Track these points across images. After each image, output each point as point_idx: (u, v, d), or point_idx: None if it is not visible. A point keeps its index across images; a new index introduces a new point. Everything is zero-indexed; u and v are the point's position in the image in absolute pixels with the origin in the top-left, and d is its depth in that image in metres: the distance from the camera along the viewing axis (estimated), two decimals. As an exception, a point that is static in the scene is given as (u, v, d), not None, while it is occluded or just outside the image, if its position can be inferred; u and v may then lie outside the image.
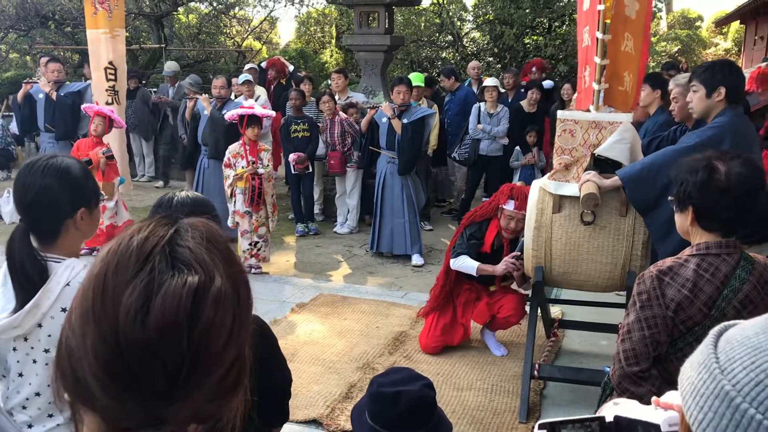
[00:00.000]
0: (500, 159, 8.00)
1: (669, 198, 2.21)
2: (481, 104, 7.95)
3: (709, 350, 0.64)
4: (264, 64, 10.01)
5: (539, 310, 4.26)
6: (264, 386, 1.86)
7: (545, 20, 14.25)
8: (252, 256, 6.30)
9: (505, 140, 7.94)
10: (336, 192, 8.03)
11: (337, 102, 7.75)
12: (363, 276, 6.47)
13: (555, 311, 5.22)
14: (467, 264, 4.43)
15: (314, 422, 3.79)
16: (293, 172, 7.53)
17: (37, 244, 1.82)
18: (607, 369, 2.31)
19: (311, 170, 7.64)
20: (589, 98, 3.86)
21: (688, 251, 2.12)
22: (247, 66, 9.79)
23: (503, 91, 8.32)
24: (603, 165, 3.72)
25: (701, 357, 0.65)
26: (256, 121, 6.18)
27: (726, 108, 3.31)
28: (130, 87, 9.60)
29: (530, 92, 8.09)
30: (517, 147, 7.85)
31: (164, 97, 10.07)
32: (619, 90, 3.84)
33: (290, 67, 10.10)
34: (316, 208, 8.23)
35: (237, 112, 6.23)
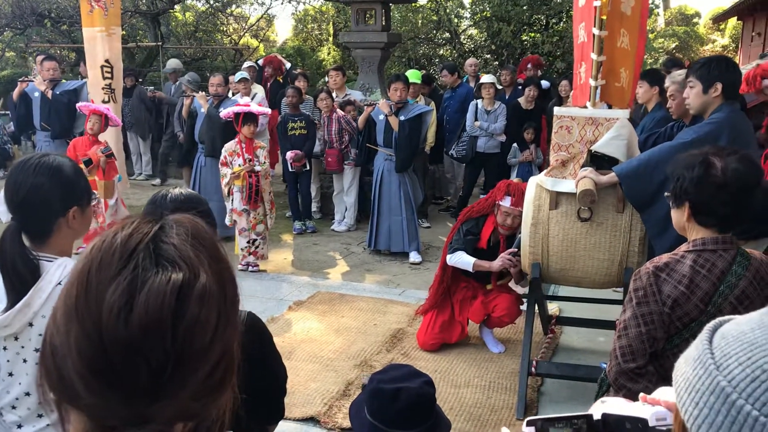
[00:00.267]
0: (498, 156, 8.00)
1: (665, 194, 2.21)
2: (479, 101, 7.95)
3: (704, 346, 0.63)
4: (261, 62, 10.00)
5: (536, 307, 4.26)
6: (259, 383, 1.85)
7: (542, 17, 14.25)
8: (250, 254, 6.30)
9: (503, 137, 7.94)
10: (333, 190, 8.02)
11: (335, 99, 7.74)
12: (360, 273, 6.47)
13: (552, 308, 5.21)
14: (464, 260, 4.43)
15: (312, 420, 3.79)
16: (290, 170, 7.52)
17: (30, 243, 1.81)
18: (604, 365, 2.31)
19: (308, 168, 7.63)
20: (585, 94, 3.86)
21: (685, 247, 2.12)
22: (246, 64, 9.77)
23: (500, 88, 8.31)
24: (600, 161, 3.72)
25: (696, 353, 0.64)
26: (252, 119, 6.16)
27: (723, 104, 3.30)
28: (127, 85, 9.57)
29: (527, 89, 8.08)
30: (515, 144, 7.85)
31: (159, 93, 10.03)
32: (616, 86, 3.84)
33: (287, 65, 10.09)
34: (314, 206, 8.22)
35: (232, 110, 6.22)
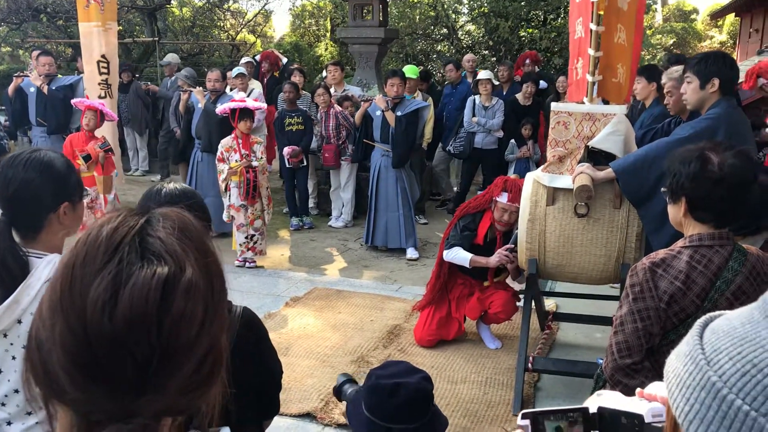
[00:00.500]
0: (495, 152, 7.99)
1: (662, 189, 2.20)
2: (476, 97, 7.94)
3: (695, 341, 0.63)
4: (258, 57, 9.97)
5: (533, 303, 4.26)
6: (254, 379, 1.85)
7: (540, 13, 14.24)
8: (248, 250, 6.29)
9: (500, 133, 7.93)
10: (330, 186, 8.01)
11: (333, 95, 7.72)
12: (358, 270, 6.46)
13: (549, 304, 5.22)
14: (460, 255, 4.42)
15: (308, 416, 3.78)
16: (288, 166, 7.51)
17: (20, 239, 1.80)
18: (601, 361, 2.30)
19: (306, 164, 7.62)
20: (581, 90, 3.85)
21: (681, 243, 2.11)
22: (244, 59, 9.75)
23: (497, 84, 8.30)
24: (597, 157, 3.72)
25: (687, 348, 0.64)
26: (248, 115, 6.15)
27: (720, 99, 3.30)
28: (124, 81, 9.54)
29: (525, 85, 8.08)
30: (512, 140, 7.84)
31: (152, 86, 9.99)
32: (613, 82, 3.83)
33: (284, 60, 10.06)
34: (311, 202, 8.21)
35: (228, 106, 6.21)
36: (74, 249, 0.74)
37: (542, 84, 8.54)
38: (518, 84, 8.46)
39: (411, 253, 6.74)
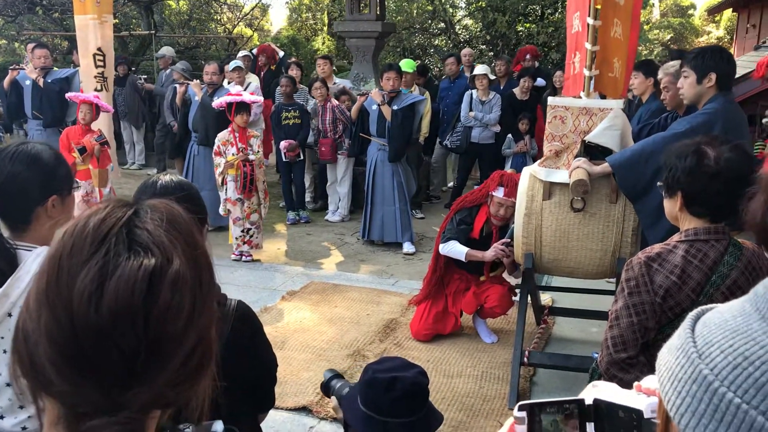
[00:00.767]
0: (492, 147, 7.98)
1: (658, 183, 2.20)
2: (473, 92, 7.92)
3: (687, 334, 0.63)
4: (255, 51, 9.94)
5: (529, 297, 4.27)
6: (249, 372, 1.85)
7: (538, 7, 14.22)
8: (245, 243, 6.28)
9: (497, 128, 7.92)
10: (327, 180, 7.99)
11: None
12: (354, 264, 6.46)
13: (545, 298, 5.22)
14: (456, 249, 4.42)
15: (304, 409, 3.79)
16: (284, 160, 7.49)
17: (9, 233, 1.79)
18: (596, 355, 2.31)
19: (302, 158, 7.60)
20: (578, 84, 3.85)
21: (677, 237, 2.11)
22: (241, 53, 9.72)
23: (493, 78, 8.28)
24: (593, 151, 3.71)
25: (679, 341, 0.63)
26: (245, 108, 6.14)
27: (717, 94, 3.30)
28: (120, 74, 9.50)
29: (522, 80, 8.07)
30: (509, 135, 7.83)
31: (149, 84, 9.95)
32: (609, 76, 3.83)
33: (280, 54, 10.03)
34: (307, 196, 8.20)
35: (225, 100, 6.19)
36: (61, 240, 0.73)
37: (540, 81, 8.53)
38: (516, 79, 8.45)
39: (407, 248, 6.73)
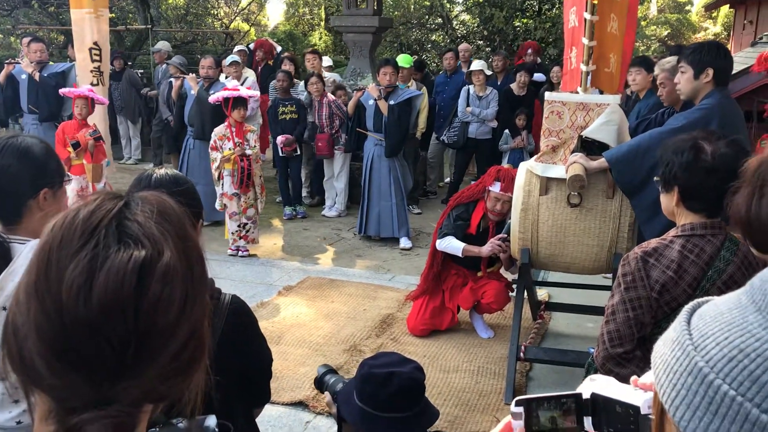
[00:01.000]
0: (489, 142, 7.98)
1: (655, 178, 2.20)
2: (470, 87, 7.91)
3: (682, 327, 0.62)
4: (252, 46, 9.91)
5: (526, 293, 4.27)
6: (244, 367, 1.84)
7: (535, 3, 14.21)
8: (241, 238, 6.28)
9: (494, 123, 7.91)
10: (324, 175, 7.97)
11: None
12: (351, 259, 6.46)
13: (542, 294, 5.23)
14: (453, 245, 4.42)
15: (300, 404, 3.79)
16: (281, 155, 7.48)
17: (2, 227, 1.79)
18: (592, 350, 2.31)
19: (299, 153, 7.59)
20: (575, 80, 3.84)
21: (673, 232, 2.11)
22: (237, 48, 9.68)
23: (490, 74, 8.28)
24: (590, 147, 3.71)
25: (674, 334, 0.63)
26: (241, 103, 6.12)
27: (714, 90, 3.30)
28: (116, 68, 9.46)
29: (519, 75, 8.06)
30: (506, 130, 7.83)
31: (153, 92, 9.89)
32: (605, 72, 3.82)
33: (278, 48, 10.01)
34: (304, 191, 8.19)
35: (222, 95, 6.17)
36: (50, 232, 0.73)
37: (540, 77, 8.52)
38: (513, 74, 8.44)
39: (404, 243, 6.73)
